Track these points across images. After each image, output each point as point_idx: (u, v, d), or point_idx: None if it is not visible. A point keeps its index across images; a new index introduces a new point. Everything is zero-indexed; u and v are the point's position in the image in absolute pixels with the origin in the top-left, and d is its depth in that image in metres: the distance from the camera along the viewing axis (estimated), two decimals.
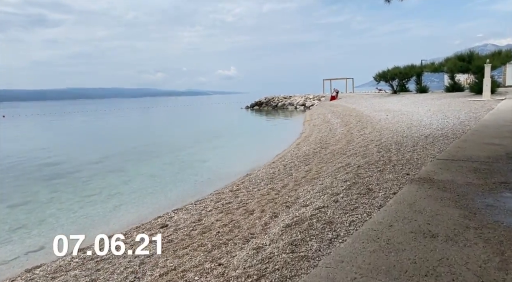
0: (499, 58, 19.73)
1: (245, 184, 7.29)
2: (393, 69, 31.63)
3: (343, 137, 12.62)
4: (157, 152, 14.90)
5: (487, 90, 18.09)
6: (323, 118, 21.66)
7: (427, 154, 7.06)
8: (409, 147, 8.05)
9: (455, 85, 25.85)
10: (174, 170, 10.74)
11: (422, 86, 29.78)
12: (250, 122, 29.75)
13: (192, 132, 22.01)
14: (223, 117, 37.54)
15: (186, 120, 36.21)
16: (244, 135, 19.21)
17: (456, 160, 5.22)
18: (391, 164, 6.44)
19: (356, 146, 9.87)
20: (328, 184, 5.61)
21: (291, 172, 8.01)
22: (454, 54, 23.21)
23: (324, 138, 13.37)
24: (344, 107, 25.89)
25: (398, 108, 19.32)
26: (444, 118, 12.66)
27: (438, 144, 8.00)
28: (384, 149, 8.23)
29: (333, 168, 7.33)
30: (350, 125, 15.45)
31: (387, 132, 11.34)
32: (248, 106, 48.97)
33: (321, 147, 11.21)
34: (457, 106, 16.30)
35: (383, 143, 9.21)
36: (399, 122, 13.49)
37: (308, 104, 40.42)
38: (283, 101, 45.28)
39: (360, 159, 7.52)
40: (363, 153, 8.34)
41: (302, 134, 17.02)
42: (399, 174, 5.66)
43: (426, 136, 9.43)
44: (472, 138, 7.00)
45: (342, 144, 11.01)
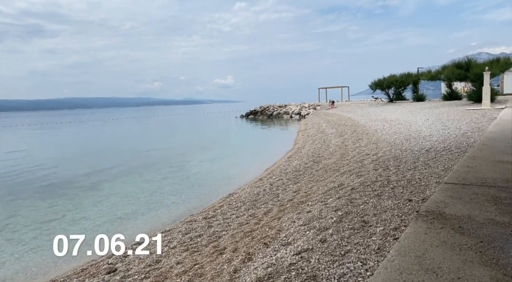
0: (498, 65, 19.11)
1: (224, 209, 6.38)
2: (389, 77, 31.04)
3: (337, 149, 11.77)
4: (139, 166, 13.96)
5: (486, 99, 17.39)
6: (317, 128, 20.85)
7: (431, 172, 6.19)
8: (409, 163, 7.19)
9: (452, 93, 25.20)
10: (152, 188, 9.81)
11: (419, 95, 29.15)
12: (243, 132, 28.90)
13: (182, 144, 21.11)
14: (216, 127, 36.68)
15: (179, 130, 35.32)
16: (235, 146, 18.33)
17: (468, 185, 4.35)
18: (390, 186, 5.56)
19: (351, 161, 9.01)
20: (316, 213, 4.72)
21: (277, 192, 7.12)
22: (451, 62, 22.60)
23: (318, 150, 12.51)
24: (339, 117, 25.12)
25: (395, 117, 18.55)
26: (444, 129, 11.85)
27: (442, 160, 7.14)
28: (381, 166, 7.36)
29: (324, 188, 6.44)
30: (345, 136, 14.61)
31: (384, 144, 10.50)
32: (243, 115, 48.24)
33: (313, 161, 10.34)
34: (457, 115, 15.54)
35: (380, 158, 8.35)
36: (396, 133, 12.67)
37: (304, 113, 39.73)
38: (278, 110, 44.60)
39: (355, 178, 6.64)
40: (358, 170, 7.47)
41: (295, 145, 16.18)
42: (400, 200, 4.78)
43: (427, 150, 8.58)
44: (481, 155, 6.16)
45: (336, 158, 10.15)
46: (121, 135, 32.20)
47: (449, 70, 22.23)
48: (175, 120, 53.75)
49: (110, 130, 38.25)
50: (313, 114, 35.36)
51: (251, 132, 28.01)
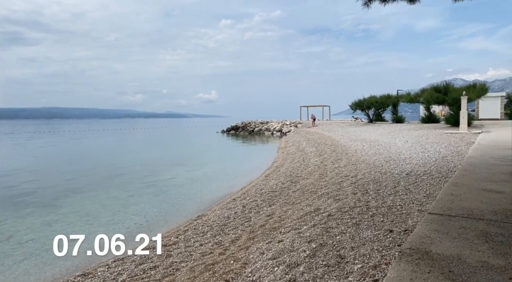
0: (474, 91, 19.53)
1: (188, 234, 5.76)
2: (370, 98, 31.41)
3: (316, 169, 11.37)
4: (108, 181, 13.10)
5: (464, 123, 17.59)
6: (297, 146, 20.53)
7: (412, 199, 5.81)
8: (390, 188, 6.82)
9: (431, 116, 25.60)
10: (116, 207, 9.04)
11: (399, 116, 29.53)
12: (222, 148, 28.27)
13: (157, 158, 20.27)
14: (195, 142, 35.87)
15: (156, 144, 34.30)
16: (211, 163, 17.67)
17: (454, 216, 3.95)
18: (369, 213, 5.12)
19: (329, 182, 8.59)
20: (288, 243, 4.19)
21: (249, 215, 6.56)
22: (430, 86, 23.03)
23: (296, 169, 12.08)
24: (320, 135, 24.98)
25: (375, 138, 18.47)
26: (424, 152, 11.70)
27: (423, 185, 6.81)
28: (360, 189, 6.95)
29: (299, 213, 5.94)
30: (324, 156, 14.28)
31: (364, 166, 10.18)
32: (224, 130, 47.70)
33: (291, 181, 9.87)
34: (435, 138, 15.55)
35: (359, 181, 7.96)
36: (376, 154, 12.43)
37: (285, 130, 39.58)
38: (260, 127, 44.33)
39: (332, 202, 6.19)
40: (336, 193, 7.03)
41: (274, 163, 15.71)
42: (380, 231, 4.33)
43: (408, 173, 8.28)
44: (464, 182, 5.84)
45: (314, 178, 9.72)
46: (95, 147, 30.93)
47: (428, 94, 22.59)
48: (154, 134, 52.54)
49: (86, 141, 36.81)
50: (294, 132, 35.23)
51: (230, 149, 27.41)
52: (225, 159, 19.46)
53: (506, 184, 5.56)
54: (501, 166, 7.30)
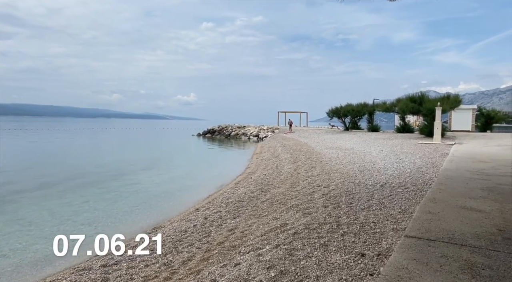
0: (448, 102, 19.74)
1: (133, 257, 5.02)
2: (346, 106, 31.46)
3: (289, 177, 10.85)
4: (64, 185, 12.06)
5: (437, 134, 17.64)
6: (272, 152, 20.02)
7: (386, 215, 5.34)
8: (363, 201, 6.34)
9: (405, 126, 25.80)
10: (66, 215, 8.14)
11: (374, 125, 29.68)
12: (196, 151, 27.38)
13: (125, 161, 19.20)
14: (168, 144, 34.71)
15: (127, 145, 32.96)
16: (182, 167, 16.85)
17: (434, 240, 3.46)
18: (340, 231, 4.58)
19: (300, 192, 8.05)
20: (244, 269, 3.57)
21: (210, 229, 5.89)
22: (406, 96, 23.19)
23: (268, 177, 11.51)
24: (295, 142, 24.62)
25: (350, 146, 18.24)
26: (399, 162, 11.42)
27: (398, 199, 6.38)
28: (332, 202, 6.44)
29: (264, 228, 5.34)
30: (298, 163, 13.82)
31: (337, 175, 9.73)
32: (200, 133, 46.71)
33: (261, 190, 9.27)
34: (410, 148, 15.43)
35: (332, 192, 7.47)
36: (350, 163, 12.06)
37: (262, 135, 39.11)
38: (237, 131, 43.67)
39: (301, 216, 5.62)
40: (306, 205, 6.49)
41: (247, 169, 15.10)
42: (350, 254, 3.78)
43: (382, 185, 7.87)
44: (442, 198, 5.43)
45: (286, 187, 9.17)
46: (61, 147, 29.26)
47: (403, 103, 22.71)
48: (128, 135, 50.80)
49: (53, 140, 34.87)
50: (271, 137, 34.80)
51: (204, 152, 26.59)
52: (196, 164, 18.66)
53: (485, 201, 5.18)
54: (477, 180, 7.00)
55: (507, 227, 3.91)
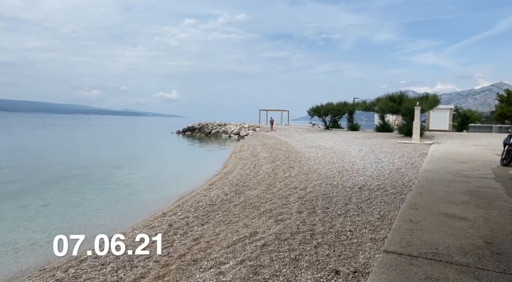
0: (427, 102, 19.80)
1: (82, 267, 4.42)
2: (327, 105, 31.33)
3: (266, 178, 10.39)
4: (24, 185, 11.18)
5: (416, 133, 17.61)
6: (252, 151, 19.53)
7: (364, 222, 4.94)
8: (340, 206, 5.94)
9: (385, 125, 25.85)
10: (19, 220, 7.37)
11: (354, 124, 29.67)
12: (173, 149, 26.53)
13: (96, 159, 18.27)
14: (145, 142, 33.65)
15: (102, 143, 31.73)
16: (156, 166, 16.11)
17: (416, 257, 3.04)
18: (314, 243, 4.14)
19: (276, 195, 7.60)
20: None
21: (173, 238, 5.34)
22: (385, 95, 23.18)
23: (245, 177, 11.01)
24: (276, 140, 24.23)
25: (330, 145, 17.98)
26: (378, 162, 11.16)
27: (377, 203, 6.01)
28: (307, 207, 6.01)
29: (231, 238, 4.83)
30: (277, 163, 13.38)
31: (315, 176, 9.35)
32: (180, 131, 45.70)
33: (235, 192, 8.76)
34: (389, 148, 15.29)
35: (308, 195, 7.05)
36: (329, 163, 11.73)
37: (243, 133, 38.59)
38: (217, 129, 42.95)
39: (273, 223, 5.15)
40: (280, 210, 6.03)
41: (224, 169, 14.54)
42: (323, 271, 3.34)
43: (361, 187, 7.52)
44: (423, 203, 5.07)
45: (262, 189, 8.70)
46: (30, 144, 27.78)
47: (382, 103, 22.68)
48: (105, 132, 49.18)
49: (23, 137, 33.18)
50: (252, 135, 34.33)
51: (182, 150, 25.82)
52: (172, 163, 17.95)
53: (468, 207, 4.86)
54: (458, 182, 6.73)
55: (494, 239, 3.56)
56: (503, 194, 5.77)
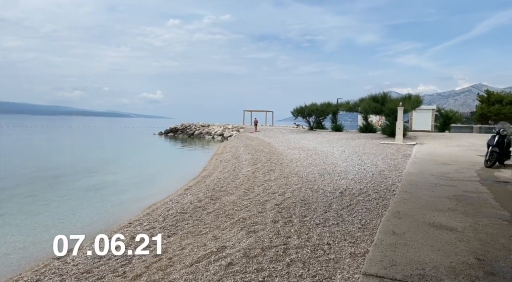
0: (410, 102, 19.71)
1: None
2: (311, 105, 31.07)
3: (245, 182, 9.88)
4: None
5: (399, 134, 17.44)
6: (234, 153, 18.99)
7: (344, 232, 4.50)
8: (319, 213, 5.49)
9: (368, 126, 25.73)
10: None
11: (338, 125, 29.49)
12: (153, 151, 25.68)
13: (70, 163, 17.37)
14: (125, 144, 32.66)
15: (79, 145, 30.56)
16: (132, 169, 15.39)
17: (400, 281, 2.59)
18: (286, 260, 3.66)
19: (253, 201, 7.10)
20: None
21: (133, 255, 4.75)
22: (368, 95, 23.03)
23: (223, 181, 10.47)
24: (259, 142, 23.76)
25: (313, 146, 17.63)
26: (360, 164, 10.82)
27: (358, 210, 5.59)
28: (284, 215, 5.53)
29: (197, 254, 4.31)
30: (258, 165, 12.89)
31: (295, 180, 8.90)
32: (162, 132, 44.72)
33: (211, 197, 8.22)
34: (372, 149, 15.03)
35: (286, 201, 6.58)
36: (311, 165, 11.32)
37: (227, 134, 38.00)
38: (200, 130, 42.20)
39: (244, 236, 4.65)
40: (255, 219, 5.53)
41: (203, 172, 13.96)
42: None
43: (342, 192, 7.10)
44: (407, 211, 4.67)
45: (239, 194, 8.19)
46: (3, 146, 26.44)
47: (366, 103, 22.52)
48: (85, 134, 47.73)
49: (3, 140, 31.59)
50: (235, 136, 33.79)
51: (162, 152, 25.04)
52: (150, 166, 17.23)
53: (455, 215, 4.47)
54: (443, 186, 6.38)
55: (487, 255, 3.15)
56: (490, 199, 5.44)
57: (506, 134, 9.14)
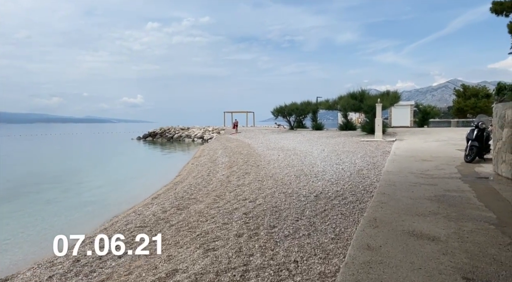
0: (388, 98, 19.53)
1: None
2: (291, 105, 30.68)
3: (217, 187, 9.25)
4: None
5: (379, 131, 17.18)
6: (211, 156, 18.30)
7: (315, 245, 3.94)
8: (289, 222, 4.93)
9: (348, 123, 25.51)
10: None
11: (318, 124, 29.19)
12: (127, 157, 24.60)
13: (34, 173, 16.27)
14: (99, 150, 31.38)
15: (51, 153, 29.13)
16: (100, 178, 14.48)
17: None
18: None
19: (221, 210, 6.48)
20: None
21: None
22: (347, 93, 22.79)
23: (195, 187, 9.81)
24: (238, 143, 23.15)
25: (293, 146, 17.16)
26: (339, 164, 10.37)
27: (333, 216, 5.06)
28: (250, 226, 4.94)
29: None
30: (234, 168, 12.28)
31: (270, 183, 8.33)
32: (141, 137, 43.46)
33: (177, 207, 7.54)
34: (351, 147, 14.66)
35: (256, 209, 5.99)
36: (289, 166, 10.80)
37: (207, 137, 37.21)
38: (180, 133, 41.22)
39: (200, 256, 4.02)
40: (218, 233, 4.92)
41: (177, 178, 13.23)
42: None
43: (317, 195, 6.58)
44: (384, 217, 4.15)
45: (208, 202, 7.56)
46: None
47: (344, 101, 22.25)
48: (59, 141, 45.89)
49: None
50: (215, 139, 33.07)
51: (136, 158, 24.03)
52: (121, 173, 16.32)
53: (437, 220, 3.98)
54: (423, 186, 5.93)
55: (476, 272, 2.64)
56: (473, 198, 5.00)
57: (485, 127, 8.85)
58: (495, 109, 7.18)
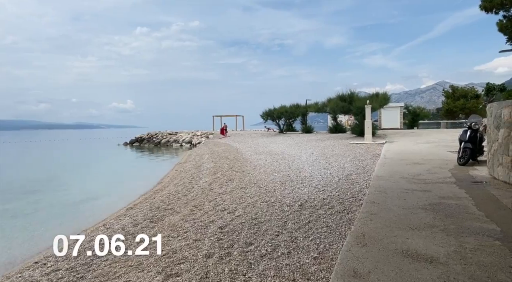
0: (377, 100, 19.17)
1: None
2: (280, 108, 30.18)
3: (197, 196, 8.64)
4: None
5: (368, 133, 16.77)
6: (197, 161, 17.65)
7: (295, 266, 3.38)
8: (268, 238, 4.36)
9: (337, 126, 25.10)
10: None
11: (307, 127, 28.73)
12: (110, 163, 23.73)
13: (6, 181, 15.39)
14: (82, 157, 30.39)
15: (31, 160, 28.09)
16: (76, 186, 13.73)
17: None
18: None
19: (196, 222, 5.88)
20: None
21: None
22: (336, 95, 22.37)
23: (174, 196, 9.18)
24: (226, 147, 22.55)
25: (281, 150, 16.65)
26: (327, 168, 9.86)
27: (317, 229, 4.51)
28: (223, 244, 4.35)
29: None
30: (218, 175, 11.67)
31: (253, 191, 7.76)
32: (127, 142, 42.50)
33: (151, 220, 6.90)
34: (341, 150, 14.18)
35: (233, 222, 5.41)
36: (275, 171, 10.26)
37: (195, 141, 36.49)
38: (168, 138, 40.42)
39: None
40: (186, 252, 4.32)
41: (158, 185, 12.54)
42: None
43: (302, 204, 6.03)
44: (374, 233, 3.60)
45: (185, 213, 6.94)
46: None
47: (333, 103, 21.84)
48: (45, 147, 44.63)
49: None
50: (203, 143, 32.39)
51: (120, 164, 23.18)
52: (100, 180, 15.56)
53: (434, 235, 3.45)
54: (416, 192, 5.42)
55: None
56: (471, 207, 4.50)
57: (478, 128, 8.43)
58: (490, 108, 6.74)
